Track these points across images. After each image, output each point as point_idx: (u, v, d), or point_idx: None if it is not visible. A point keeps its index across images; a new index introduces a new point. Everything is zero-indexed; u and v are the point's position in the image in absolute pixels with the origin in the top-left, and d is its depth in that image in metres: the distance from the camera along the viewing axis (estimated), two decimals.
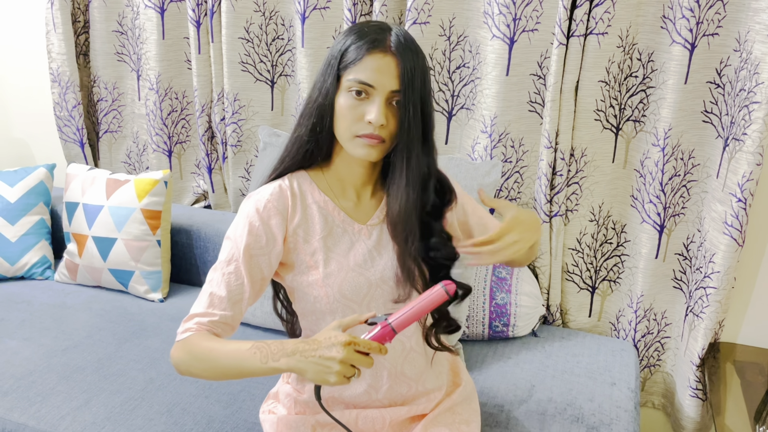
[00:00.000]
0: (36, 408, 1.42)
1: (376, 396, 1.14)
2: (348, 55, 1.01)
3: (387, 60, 1.00)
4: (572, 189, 1.72)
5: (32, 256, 1.99)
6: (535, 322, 1.73)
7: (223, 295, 1.04)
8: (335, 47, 1.04)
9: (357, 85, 1.00)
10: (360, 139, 1.02)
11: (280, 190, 1.09)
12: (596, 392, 1.51)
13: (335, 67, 1.02)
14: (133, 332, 1.71)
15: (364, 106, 1.01)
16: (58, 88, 2.15)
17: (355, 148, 1.03)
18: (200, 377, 1.03)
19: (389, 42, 1.00)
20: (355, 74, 1.00)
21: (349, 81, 1.00)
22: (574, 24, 1.54)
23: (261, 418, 1.23)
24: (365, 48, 1.00)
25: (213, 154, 2.12)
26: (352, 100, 1.01)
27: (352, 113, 1.01)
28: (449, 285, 0.95)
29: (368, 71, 0.99)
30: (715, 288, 1.54)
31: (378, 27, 1.03)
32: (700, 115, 1.57)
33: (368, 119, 1.00)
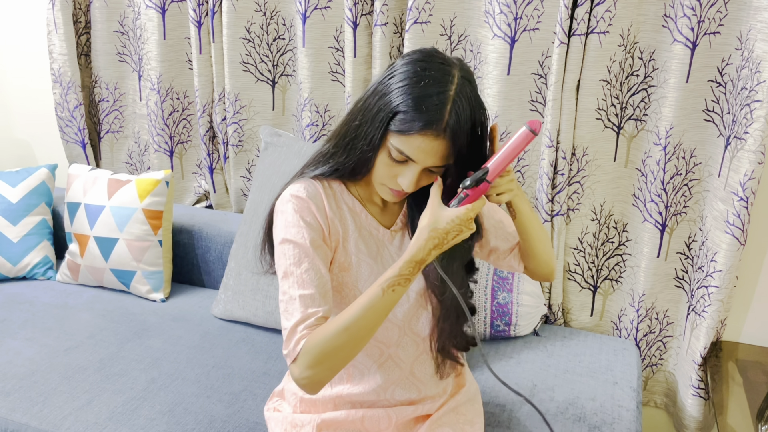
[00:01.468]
0: (38, 408, 1.42)
1: (384, 396, 1.14)
2: (399, 120, 0.94)
3: (437, 143, 0.94)
4: (574, 188, 1.71)
5: (34, 256, 2.00)
6: (537, 322, 1.72)
7: (312, 292, 1.00)
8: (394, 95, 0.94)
9: (399, 154, 0.96)
10: (386, 188, 1.03)
11: (313, 186, 1.06)
12: (598, 391, 1.51)
13: (385, 123, 0.95)
14: (135, 332, 1.72)
15: (399, 168, 0.99)
16: (60, 88, 2.16)
17: (381, 191, 1.05)
18: (339, 367, 0.97)
19: (445, 123, 0.92)
20: (400, 145, 0.95)
21: (392, 146, 0.96)
22: (576, 23, 1.54)
23: (266, 416, 1.23)
24: (418, 126, 0.92)
25: (214, 154, 2.12)
26: (388, 159, 0.98)
27: (386, 170, 0.99)
28: (533, 124, 0.93)
29: (414, 150, 0.94)
30: (717, 287, 1.54)
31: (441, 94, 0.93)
32: (701, 114, 1.57)
33: (400, 182, 0.99)
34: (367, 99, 0.99)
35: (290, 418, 1.17)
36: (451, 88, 0.93)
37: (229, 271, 1.79)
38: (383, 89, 0.97)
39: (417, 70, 0.95)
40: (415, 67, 0.95)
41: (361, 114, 0.99)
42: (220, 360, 1.61)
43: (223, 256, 1.95)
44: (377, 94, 0.97)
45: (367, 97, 1.00)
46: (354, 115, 1.01)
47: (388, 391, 1.14)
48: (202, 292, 1.97)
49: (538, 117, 1.70)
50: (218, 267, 1.98)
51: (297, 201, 1.04)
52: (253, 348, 1.67)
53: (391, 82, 0.96)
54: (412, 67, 0.96)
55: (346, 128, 1.03)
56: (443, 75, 0.94)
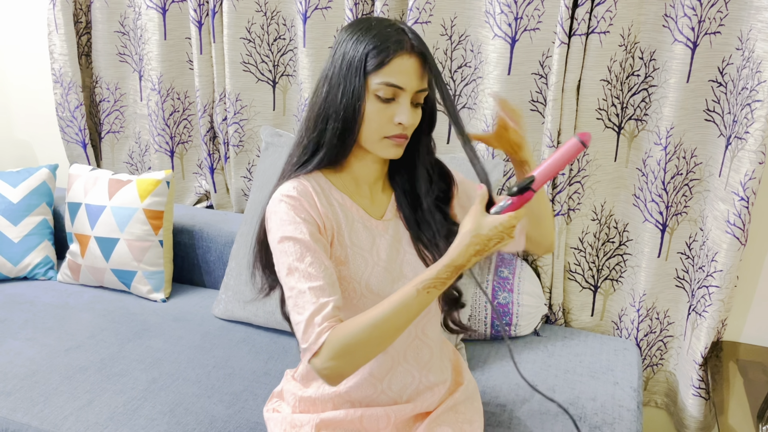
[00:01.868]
0: (39, 408, 1.42)
1: (381, 387, 1.14)
2: (373, 58, 1.00)
3: (412, 61, 1.00)
4: (574, 188, 1.71)
5: (35, 256, 2.00)
6: (538, 322, 1.72)
7: (321, 284, 0.99)
8: (354, 49, 1.01)
9: (386, 89, 1.00)
10: (388, 140, 1.04)
11: (302, 185, 1.06)
12: (599, 391, 1.51)
13: (360, 70, 1.00)
14: (136, 332, 1.72)
15: (391, 109, 1.02)
16: (61, 88, 2.16)
17: (384, 149, 1.05)
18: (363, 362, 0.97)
19: (410, 42, 1.01)
20: (384, 77, 1.00)
21: (377, 85, 1.00)
22: (576, 23, 1.54)
23: (265, 416, 1.23)
24: (392, 50, 0.99)
25: (215, 155, 2.12)
26: (379, 104, 1.01)
27: (380, 116, 1.02)
28: (584, 136, 0.95)
29: (397, 74, 1.00)
30: (717, 287, 1.54)
31: (392, 26, 1.02)
32: (702, 114, 1.57)
33: (398, 121, 1.02)
34: (328, 73, 1.04)
35: (289, 418, 1.17)
36: (395, 22, 1.04)
37: (229, 271, 1.79)
38: (341, 55, 1.02)
39: (362, 24, 1.03)
40: (356, 25, 1.04)
41: (328, 84, 1.03)
42: (220, 360, 1.61)
43: (223, 256, 1.95)
44: (336, 62, 1.03)
45: (327, 73, 1.04)
46: (320, 92, 1.05)
47: (384, 381, 1.14)
48: (203, 292, 1.97)
49: (539, 117, 1.70)
50: (219, 267, 1.98)
51: (289, 200, 1.04)
52: (254, 348, 1.67)
53: (345, 46, 1.02)
54: (355, 26, 1.04)
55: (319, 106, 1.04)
56: (383, 18, 1.05)
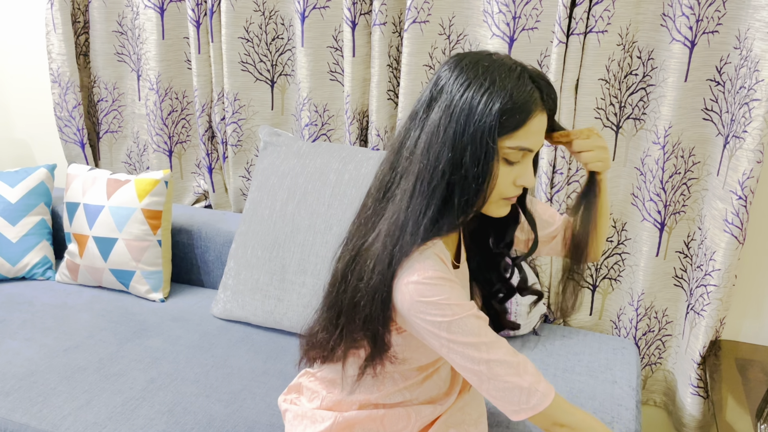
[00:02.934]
0: (38, 408, 1.42)
1: (410, 396, 1.14)
2: (507, 119, 0.89)
3: (544, 118, 0.94)
4: (573, 187, 1.72)
5: (33, 256, 2.00)
6: (536, 321, 1.73)
7: (505, 342, 0.97)
8: (485, 107, 0.89)
9: (517, 153, 0.92)
10: (505, 201, 0.98)
11: (437, 257, 0.96)
12: (597, 390, 1.51)
13: (494, 132, 0.89)
14: (135, 332, 1.72)
15: (516, 170, 0.95)
16: (59, 88, 2.16)
17: (498, 209, 0.99)
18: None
19: (542, 96, 0.93)
20: (517, 141, 0.91)
21: (511, 149, 0.92)
22: (574, 22, 1.54)
23: (283, 407, 1.22)
24: (529, 111, 0.91)
25: (213, 154, 2.12)
26: (505, 167, 0.94)
27: (506, 180, 0.95)
28: None
29: (531, 136, 0.92)
30: (715, 286, 1.54)
31: (522, 77, 0.91)
32: (700, 113, 1.57)
33: (521, 183, 0.95)
34: (447, 130, 0.91)
35: (310, 413, 1.16)
36: (517, 67, 0.93)
37: (228, 270, 1.79)
38: (463, 108, 0.90)
39: (483, 73, 0.91)
40: (476, 72, 0.92)
41: (451, 144, 0.91)
42: (219, 360, 1.61)
43: (222, 256, 1.95)
44: (458, 118, 0.90)
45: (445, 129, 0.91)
46: (438, 150, 0.91)
47: (414, 392, 1.14)
48: (202, 291, 1.97)
49: None
50: (217, 267, 1.98)
51: (438, 281, 0.93)
52: (253, 347, 1.67)
53: (466, 97, 0.90)
54: (472, 74, 0.92)
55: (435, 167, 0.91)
56: (503, 62, 0.93)
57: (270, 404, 1.44)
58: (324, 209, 1.67)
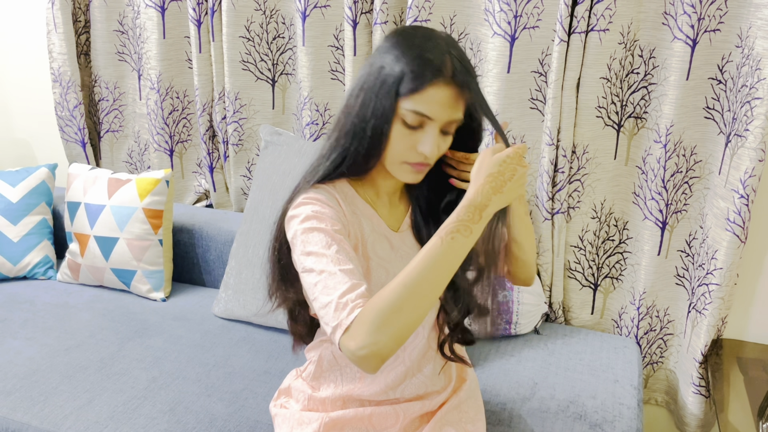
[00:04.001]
0: (39, 407, 1.42)
1: (394, 394, 1.15)
2: (407, 82, 0.94)
3: (448, 91, 0.95)
4: (574, 186, 1.71)
5: (34, 256, 2.00)
6: (538, 320, 1.72)
7: (352, 267, 0.93)
8: (392, 66, 0.96)
9: (414, 116, 0.95)
10: (407, 166, 1.01)
11: (327, 192, 1.03)
12: (599, 389, 1.51)
13: (393, 91, 0.95)
14: (136, 331, 1.72)
15: (416, 136, 0.97)
16: (60, 88, 2.16)
17: (402, 173, 1.02)
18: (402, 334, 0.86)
19: (450, 70, 0.95)
20: (414, 105, 0.95)
21: (406, 111, 0.95)
22: (576, 21, 1.53)
23: (273, 411, 1.22)
24: (428, 78, 0.94)
25: (214, 153, 2.12)
26: (405, 128, 0.97)
27: (404, 142, 0.98)
28: None
29: (429, 104, 0.95)
30: (717, 284, 1.54)
31: (438, 50, 0.95)
32: (702, 112, 1.57)
33: (420, 150, 0.98)
34: (363, 84, 0.99)
35: (297, 415, 1.17)
36: (441, 42, 0.97)
37: (229, 270, 1.79)
38: (378, 68, 0.98)
39: (406, 38, 0.98)
40: (402, 37, 0.99)
41: (363, 95, 0.98)
42: (220, 359, 1.61)
43: (223, 255, 1.95)
44: (372, 75, 0.98)
45: (363, 84, 0.99)
46: (353, 101, 1.00)
47: (397, 390, 1.14)
48: (203, 291, 1.97)
49: (539, 115, 1.70)
50: (219, 266, 1.98)
51: (314, 201, 1.00)
52: (254, 347, 1.67)
53: (384, 57, 0.98)
54: (399, 38, 0.98)
55: (348, 115, 1.00)
56: (430, 33, 0.98)
57: None
58: None
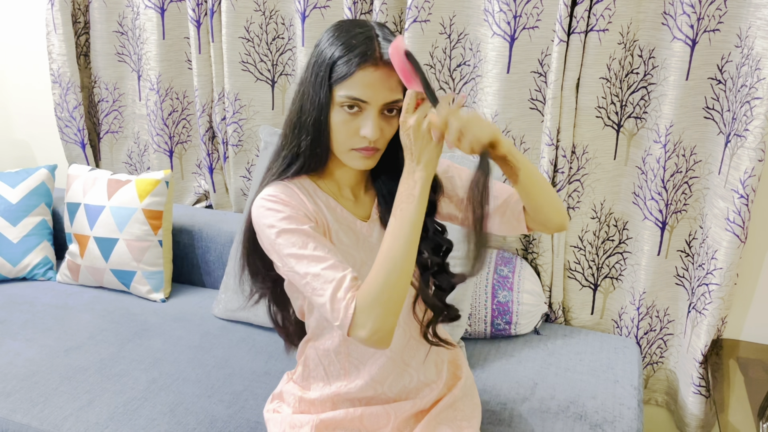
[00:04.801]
0: (39, 409, 1.42)
1: (381, 389, 1.14)
2: (337, 69, 0.97)
3: (379, 73, 0.97)
4: (574, 186, 1.71)
5: (34, 257, 2.00)
6: (538, 320, 1.72)
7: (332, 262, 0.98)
8: (321, 56, 1.00)
9: (349, 101, 0.98)
10: (355, 152, 1.02)
11: (286, 188, 1.05)
12: (599, 390, 1.51)
13: (326, 80, 0.98)
14: (136, 332, 1.72)
15: (357, 121, 0.99)
16: (59, 89, 2.15)
17: (352, 160, 1.03)
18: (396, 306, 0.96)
19: (379, 52, 0.97)
20: (347, 90, 0.97)
21: (341, 97, 0.98)
22: (575, 21, 1.53)
23: (266, 417, 1.23)
24: (355, 63, 0.96)
25: (214, 154, 2.12)
26: (345, 115, 0.99)
27: (345, 128, 1.00)
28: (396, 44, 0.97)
29: (360, 87, 0.97)
30: (717, 285, 1.54)
31: (364, 35, 0.98)
32: (701, 112, 1.57)
33: (363, 134, 0.99)
34: (302, 79, 1.03)
35: (289, 419, 1.17)
36: (370, 27, 1.00)
37: (229, 270, 1.79)
38: (314, 62, 1.01)
39: (336, 29, 1.01)
40: (333, 28, 1.02)
41: (301, 92, 1.03)
42: (220, 360, 1.61)
43: (223, 256, 1.95)
44: (309, 69, 1.02)
45: (302, 78, 1.04)
46: (295, 97, 1.05)
47: (385, 384, 1.14)
48: (203, 292, 1.97)
49: (538, 115, 1.70)
50: (218, 267, 1.97)
51: (275, 198, 1.02)
52: (254, 348, 1.67)
53: (316, 50, 1.02)
54: (331, 30, 1.02)
55: (295, 116, 1.04)
56: (360, 22, 1.02)
57: None
58: None
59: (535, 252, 1.77)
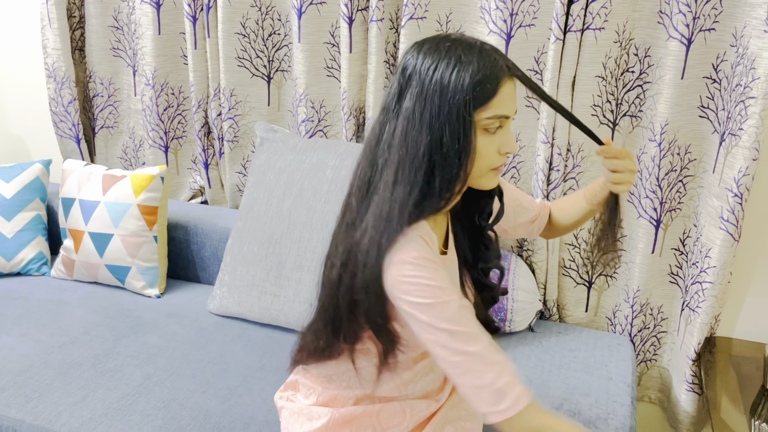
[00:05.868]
0: (33, 404, 1.42)
1: (405, 391, 1.14)
2: (478, 92, 0.91)
3: (512, 84, 0.95)
4: (569, 184, 1.72)
5: (29, 252, 1.99)
6: (532, 318, 1.73)
7: (487, 339, 0.94)
8: (454, 84, 0.91)
9: (495, 121, 0.94)
10: (493, 171, 0.99)
11: (422, 240, 0.97)
12: (593, 387, 1.51)
13: (469, 106, 0.91)
14: (130, 328, 1.71)
15: (497, 139, 0.96)
16: (54, 83, 2.15)
17: (489, 181, 1.00)
18: None
19: (504, 64, 0.94)
20: (493, 111, 0.93)
21: (488, 120, 0.93)
22: (571, 19, 1.54)
23: (279, 404, 1.22)
24: (498, 80, 0.92)
25: (209, 150, 2.12)
26: (488, 137, 0.95)
27: (489, 149, 0.96)
28: None
29: (505, 103, 0.93)
30: (711, 283, 1.55)
31: (479, 48, 0.93)
32: (696, 111, 1.57)
33: (506, 150, 0.96)
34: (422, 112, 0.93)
35: (306, 409, 1.16)
36: (477, 43, 0.95)
37: (224, 266, 1.79)
38: (435, 89, 0.92)
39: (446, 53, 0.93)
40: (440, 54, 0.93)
41: (429, 123, 0.92)
42: (215, 356, 1.61)
43: (218, 252, 1.95)
44: (432, 98, 0.92)
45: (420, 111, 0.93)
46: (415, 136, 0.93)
47: (408, 387, 1.14)
48: (198, 287, 1.97)
49: (534, 113, 1.70)
50: (213, 263, 1.97)
51: (425, 261, 0.94)
52: (249, 343, 1.67)
53: (436, 78, 0.92)
54: (437, 56, 0.93)
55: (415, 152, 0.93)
56: (463, 40, 0.95)
57: (266, 400, 1.44)
58: (321, 205, 1.67)
59: (530, 250, 1.77)
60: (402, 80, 0.95)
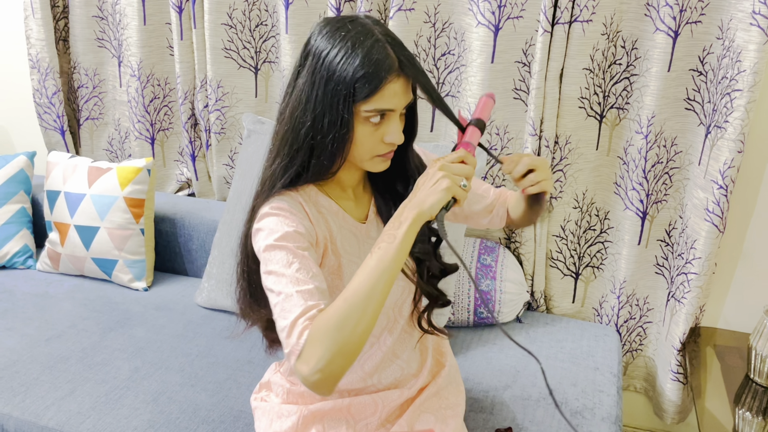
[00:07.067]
0: (20, 398, 1.41)
1: (371, 382, 1.15)
2: (363, 87, 0.93)
3: (401, 81, 0.96)
4: (556, 176, 1.73)
5: (13, 245, 1.97)
6: (520, 309, 1.74)
7: (310, 287, 0.92)
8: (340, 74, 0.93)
9: (377, 114, 0.96)
10: (378, 158, 1.02)
11: (291, 198, 1.02)
12: (579, 377, 1.53)
13: (349, 99, 0.93)
14: (118, 321, 1.71)
15: (381, 129, 0.98)
16: (38, 74, 2.12)
17: (374, 165, 1.03)
18: (351, 352, 0.86)
19: (397, 60, 0.95)
20: (375, 104, 0.95)
21: (367, 112, 0.95)
22: (559, 11, 1.54)
23: (253, 405, 1.23)
24: (382, 78, 0.93)
25: (196, 142, 2.10)
26: (370, 126, 0.97)
27: (371, 139, 0.98)
28: (490, 95, 1.03)
29: (388, 98, 0.95)
30: (696, 274, 1.56)
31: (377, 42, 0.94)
32: (682, 103, 1.58)
33: (389, 141, 0.99)
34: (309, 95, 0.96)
35: (276, 408, 1.17)
36: (377, 33, 0.96)
37: (212, 259, 1.78)
38: (323, 77, 0.95)
39: (333, 35, 0.96)
40: (330, 34, 0.96)
41: (312, 108, 0.96)
42: (203, 349, 1.60)
43: (206, 245, 1.94)
44: (319, 85, 0.95)
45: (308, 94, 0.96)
46: (302, 115, 0.97)
47: (374, 377, 1.15)
48: (185, 280, 1.96)
49: (522, 105, 1.70)
50: (201, 255, 1.96)
51: (278, 211, 0.99)
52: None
53: (319, 60, 0.95)
54: (329, 36, 0.96)
55: (298, 130, 0.98)
56: (363, 28, 0.96)
57: None
58: None
59: (517, 241, 1.78)
60: (303, 55, 0.99)
